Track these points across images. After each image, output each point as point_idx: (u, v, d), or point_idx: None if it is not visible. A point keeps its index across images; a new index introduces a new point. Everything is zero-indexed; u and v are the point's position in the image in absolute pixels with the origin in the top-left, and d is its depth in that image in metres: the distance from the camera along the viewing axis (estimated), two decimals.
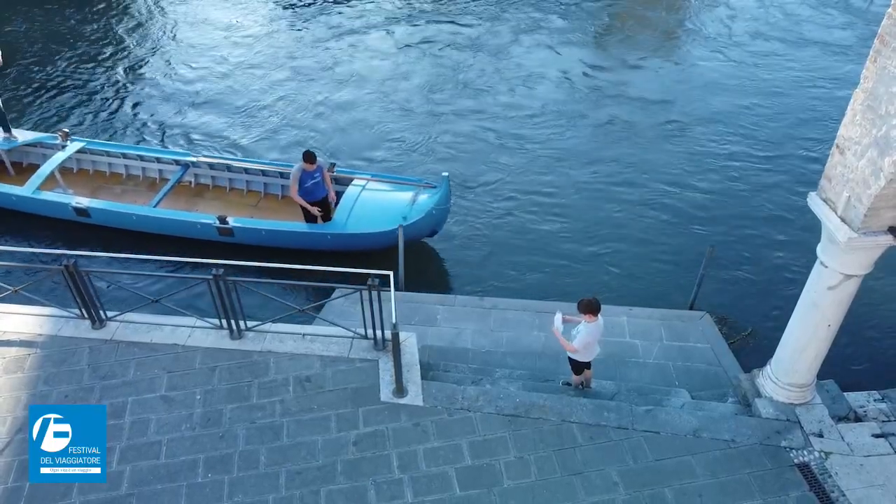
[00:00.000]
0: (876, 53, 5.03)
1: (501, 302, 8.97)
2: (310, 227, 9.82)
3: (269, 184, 11.24)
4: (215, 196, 11.30)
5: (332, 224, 9.80)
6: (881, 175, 5.12)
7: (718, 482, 6.27)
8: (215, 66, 15.48)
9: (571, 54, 15.92)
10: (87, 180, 11.59)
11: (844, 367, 8.36)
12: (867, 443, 6.61)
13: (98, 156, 11.65)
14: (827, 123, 13.03)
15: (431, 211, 9.68)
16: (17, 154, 11.70)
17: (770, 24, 17.07)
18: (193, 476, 6.27)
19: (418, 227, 9.70)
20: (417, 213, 9.69)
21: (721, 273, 9.77)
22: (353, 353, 7.33)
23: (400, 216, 9.57)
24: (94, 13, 17.89)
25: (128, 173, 11.69)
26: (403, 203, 9.96)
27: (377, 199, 10.19)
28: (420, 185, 10.32)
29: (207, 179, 11.45)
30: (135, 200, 10.94)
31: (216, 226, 9.81)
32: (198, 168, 11.35)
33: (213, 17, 17.71)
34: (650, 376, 7.94)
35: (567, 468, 6.36)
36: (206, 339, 7.45)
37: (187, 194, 11.26)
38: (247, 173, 11.22)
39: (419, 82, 14.78)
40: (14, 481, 6.18)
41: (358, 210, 9.90)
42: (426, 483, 6.22)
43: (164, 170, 11.49)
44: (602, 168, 12.24)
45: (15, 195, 10.52)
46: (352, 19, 17.39)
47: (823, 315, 6.28)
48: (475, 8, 17.87)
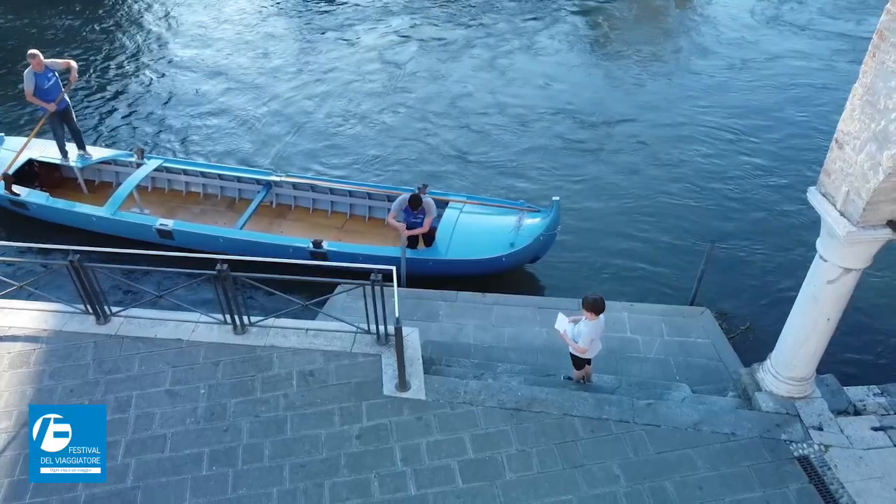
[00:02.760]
0: (874, 48, 5.07)
1: (503, 298, 9.01)
2: (411, 253, 9.37)
3: (356, 205, 10.81)
4: (297, 217, 10.88)
5: (434, 250, 9.43)
6: (880, 169, 5.16)
7: (719, 475, 6.31)
8: (245, 76, 15.31)
9: (557, 56, 15.98)
10: (162, 199, 11.22)
11: (845, 362, 8.42)
12: (866, 436, 6.65)
13: (175, 174, 11.28)
14: (827, 119, 13.07)
15: (539, 237, 9.27)
16: (89, 172, 11.37)
17: (769, 21, 17.11)
18: (198, 469, 6.32)
19: (525, 253, 9.37)
20: (525, 240, 9.27)
21: (722, 269, 9.82)
22: (355, 348, 7.38)
23: (506, 242, 9.27)
24: (101, 17, 17.94)
25: (205, 192, 11.34)
26: (507, 228, 9.51)
27: (479, 223, 9.76)
28: (522, 209, 9.85)
29: (289, 199, 11.02)
30: (215, 221, 10.64)
31: (310, 250, 9.39)
32: (279, 188, 10.93)
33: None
34: (651, 371, 7.98)
35: (569, 461, 6.41)
36: (210, 335, 7.51)
37: (269, 215, 10.83)
38: (332, 193, 10.83)
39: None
40: (20, 474, 6.23)
41: (459, 235, 9.49)
42: (429, 476, 6.27)
43: (244, 189, 11.12)
44: (601, 166, 12.30)
45: (95, 216, 10.16)
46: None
47: (823, 309, 6.32)
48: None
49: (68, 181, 11.53)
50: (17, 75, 14.88)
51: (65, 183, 11.50)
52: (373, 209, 10.78)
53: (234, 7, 18.45)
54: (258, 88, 14.87)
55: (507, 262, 9.36)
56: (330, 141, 13.20)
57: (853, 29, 16.54)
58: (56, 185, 11.34)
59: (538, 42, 16.45)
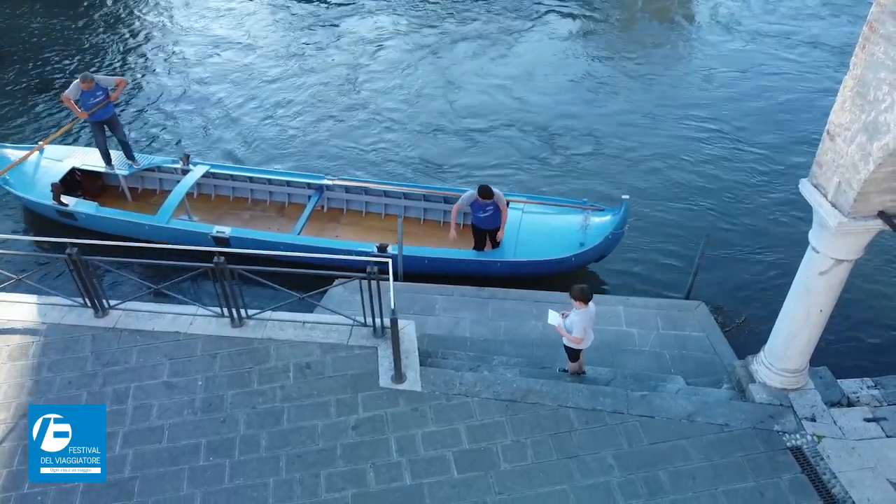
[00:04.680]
0: (865, 40, 5.12)
1: (499, 291, 9.05)
2: (477, 255, 9.35)
3: (410, 207, 10.68)
4: (350, 221, 10.69)
5: (501, 251, 9.34)
6: (870, 160, 5.21)
7: (712, 465, 6.36)
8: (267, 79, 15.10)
9: (578, 46, 16.04)
10: (209, 206, 11.04)
11: (841, 355, 8.48)
12: (859, 427, 6.70)
13: (221, 179, 11.11)
14: (821, 112, 13.11)
15: (609, 236, 9.21)
16: (132, 179, 11.09)
17: (768, 18, 17.16)
18: (195, 459, 6.37)
19: (594, 252, 9.31)
20: (595, 239, 9.22)
21: (717, 263, 9.88)
22: (352, 341, 7.43)
23: (575, 242, 9.22)
24: (105, 23, 17.99)
25: (253, 198, 11.18)
26: (574, 227, 9.43)
27: (544, 223, 9.66)
28: (586, 208, 9.73)
29: (341, 203, 10.86)
30: (268, 227, 10.51)
31: (375, 254, 9.16)
32: (331, 191, 10.79)
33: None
34: (646, 364, 8.02)
35: (563, 451, 6.46)
36: (208, 327, 7.55)
37: (321, 219, 10.64)
38: (386, 196, 10.67)
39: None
40: (20, 464, 6.28)
41: (525, 235, 9.40)
42: (424, 466, 6.32)
43: (294, 194, 10.96)
44: (595, 160, 12.35)
45: (148, 225, 9.89)
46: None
47: (815, 300, 6.37)
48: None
49: (110, 189, 11.27)
50: (18, 76, 15.03)
51: (107, 191, 11.20)
52: (427, 211, 10.62)
53: (256, 11, 18.14)
54: (291, 91, 14.57)
55: (575, 262, 9.33)
56: (364, 144, 12.98)
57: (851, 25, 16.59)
58: (98, 193, 11.04)
59: (519, 48, 16.51)
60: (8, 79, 14.88)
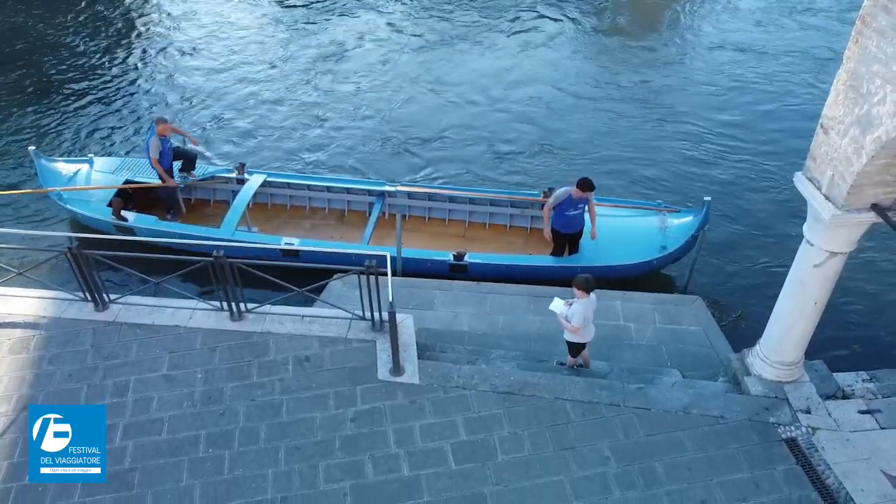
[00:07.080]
0: (857, 34, 5.16)
1: (498, 286, 9.09)
2: (556, 261, 9.12)
3: (475, 212, 10.47)
4: (413, 227, 10.46)
5: (580, 256, 9.16)
6: (863, 153, 5.26)
7: (707, 456, 6.41)
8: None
9: (570, 51, 16.08)
10: (266, 215, 10.79)
11: (837, 348, 8.55)
12: (853, 419, 6.75)
13: (278, 188, 10.83)
14: (817, 107, 13.14)
15: (691, 238, 9.09)
16: (185, 190, 10.78)
17: (766, 16, 17.20)
18: (195, 451, 6.42)
19: (675, 255, 9.18)
20: (676, 241, 9.08)
21: (714, 257, 9.96)
22: (351, 334, 7.47)
23: (656, 245, 9.12)
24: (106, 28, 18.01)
25: (310, 206, 11.00)
26: (652, 230, 9.33)
27: (621, 226, 9.49)
28: (663, 210, 9.65)
29: (404, 209, 10.54)
30: (330, 236, 10.35)
31: (450, 263, 9.23)
32: (392, 198, 10.58)
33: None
34: (643, 358, 8.08)
35: (560, 443, 6.51)
36: (207, 321, 7.60)
37: (384, 226, 10.27)
38: (451, 202, 10.51)
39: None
40: (20, 456, 6.32)
41: (604, 240, 9.19)
42: (422, 457, 6.37)
43: (353, 201, 10.77)
44: (592, 156, 12.40)
45: (214, 238, 9.42)
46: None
47: (810, 293, 6.41)
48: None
49: (161, 200, 10.76)
50: (23, 76, 15.01)
51: (158, 202, 10.72)
52: (493, 216, 10.44)
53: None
54: (337, 96, 14.46)
55: (657, 265, 9.30)
56: (415, 149, 12.89)
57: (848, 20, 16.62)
58: (150, 205, 10.64)
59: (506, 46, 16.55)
60: (8, 81, 14.90)
